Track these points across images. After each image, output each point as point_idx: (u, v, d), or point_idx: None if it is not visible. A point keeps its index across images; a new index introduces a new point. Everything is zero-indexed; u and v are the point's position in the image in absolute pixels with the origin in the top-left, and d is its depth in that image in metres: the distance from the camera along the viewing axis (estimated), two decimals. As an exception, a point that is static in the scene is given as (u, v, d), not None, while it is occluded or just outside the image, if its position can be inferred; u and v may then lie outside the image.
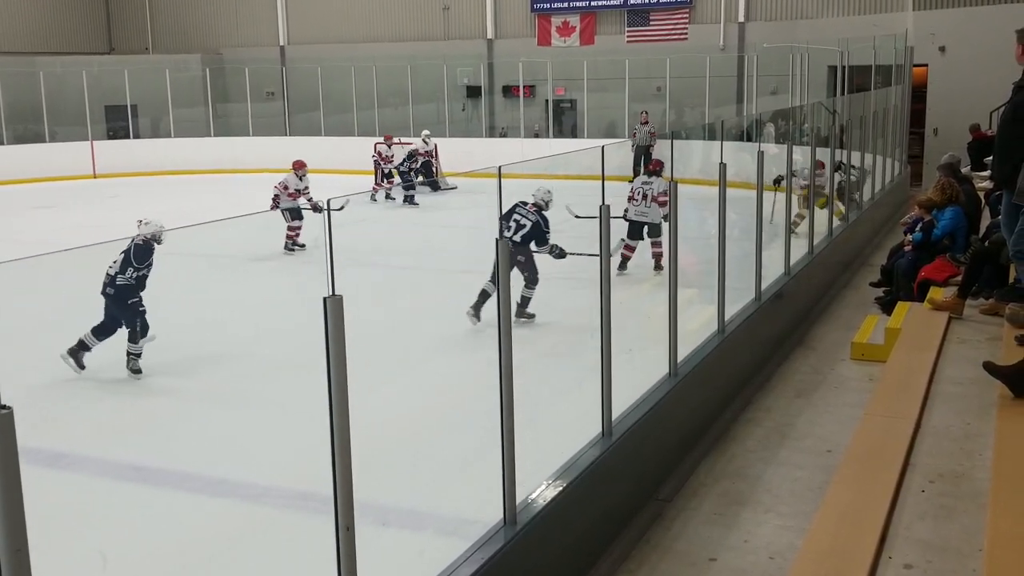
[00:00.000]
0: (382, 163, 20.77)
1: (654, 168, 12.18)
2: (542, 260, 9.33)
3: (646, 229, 11.53)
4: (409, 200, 19.19)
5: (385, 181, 20.58)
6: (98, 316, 7.95)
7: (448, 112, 26.61)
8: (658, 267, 10.97)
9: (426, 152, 21.14)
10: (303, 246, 13.90)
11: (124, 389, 7.80)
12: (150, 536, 5.32)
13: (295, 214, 13.97)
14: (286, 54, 29.42)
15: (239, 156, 25.52)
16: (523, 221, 9.25)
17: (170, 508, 5.69)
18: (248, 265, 12.46)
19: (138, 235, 7.89)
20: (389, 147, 21.03)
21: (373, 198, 19.33)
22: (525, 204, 9.33)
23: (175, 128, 26.88)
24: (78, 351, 7.82)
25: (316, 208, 12.97)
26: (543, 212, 9.40)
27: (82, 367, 7.82)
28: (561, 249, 9.34)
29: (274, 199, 14.52)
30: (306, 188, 14.55)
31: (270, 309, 9.60)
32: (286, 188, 14.49)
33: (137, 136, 27.14)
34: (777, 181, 10.11)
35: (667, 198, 12.61)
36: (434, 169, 21.23)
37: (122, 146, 26.02)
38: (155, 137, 27.09)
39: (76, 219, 17.57)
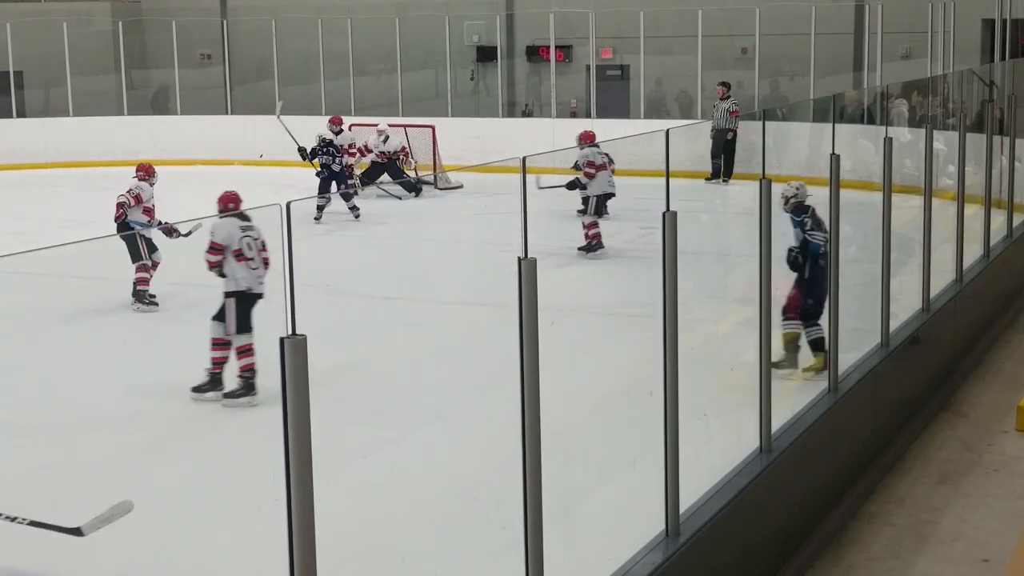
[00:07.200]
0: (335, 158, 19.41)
1: None
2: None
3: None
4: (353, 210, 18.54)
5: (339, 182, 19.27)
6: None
7: (451, 83, 26.68)
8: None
9: (381, 154, 20.64)
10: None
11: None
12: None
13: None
14: (228, 3, 29.67)
15: (161, 142, 25.58)
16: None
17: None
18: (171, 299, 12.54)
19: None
20: (338, 133, 19.73)
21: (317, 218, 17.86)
22: None
23: (74, 104, 26.96)
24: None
25: (169, 232, 12.65)
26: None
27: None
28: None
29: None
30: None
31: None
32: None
33: (22, 115, 27.24)
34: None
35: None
36: (405, 164, 21.02)
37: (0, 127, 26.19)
38: (46, 116, 27.23)
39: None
